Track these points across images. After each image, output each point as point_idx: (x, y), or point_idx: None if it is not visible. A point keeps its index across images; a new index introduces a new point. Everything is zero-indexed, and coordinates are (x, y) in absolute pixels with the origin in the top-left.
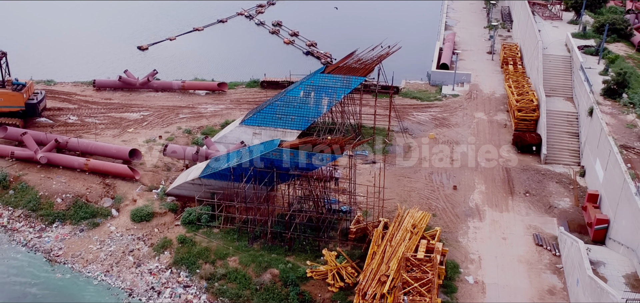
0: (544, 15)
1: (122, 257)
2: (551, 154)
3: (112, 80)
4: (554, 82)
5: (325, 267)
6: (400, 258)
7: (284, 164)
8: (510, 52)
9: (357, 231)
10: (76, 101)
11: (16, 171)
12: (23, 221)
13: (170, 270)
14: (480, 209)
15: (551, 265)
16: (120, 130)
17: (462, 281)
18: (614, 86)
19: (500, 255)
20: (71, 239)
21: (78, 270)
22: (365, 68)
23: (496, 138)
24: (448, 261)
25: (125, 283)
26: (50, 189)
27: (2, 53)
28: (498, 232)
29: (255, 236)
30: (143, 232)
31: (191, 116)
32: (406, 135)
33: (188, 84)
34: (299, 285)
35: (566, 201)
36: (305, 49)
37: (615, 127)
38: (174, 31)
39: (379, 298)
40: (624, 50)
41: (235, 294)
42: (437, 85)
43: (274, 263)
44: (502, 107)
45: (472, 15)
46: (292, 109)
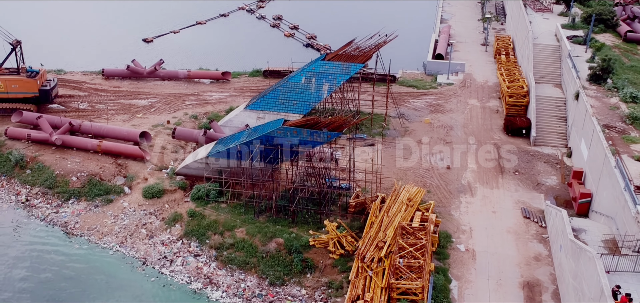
0: (535, 8)
1: (136, 230)
2: (540, 136)
3: (121, 69)
4: (543, 70)
5: (327, 236)
6: (397, 227)
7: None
8: (503, 43)
9: (356, 205)
10: (86, 89)
11: (32, 153)
12: (40, 198)
13: (181, 241)
14: (472, 186)
15: (537, 235)
16: (129, 115)
17: (454, 249)
18: (599, 72)
19: (490, 226)
20: (86, 214)
21: (94, 242)
22: (363, 55)
23: (488, 123)
24: (441, 232)
25: (139, 253)
26: (66, 168)
27: (17, 42)
28: (488, 206)
29: (261, 210)
30: (154, 208)
31: (197, 102)
32: (403, 120)
33: (193, 73)
34: (302, 253)
35: (553, 179)
36: (305, 41)
37: (599, 109)
38: (177, 25)
39: (377, 261)
40: (611, 40)
41: (243, 261)
42: (432, 74)
43: (278, 234)
44: (495, 94)
45: (467, 10)
46: (294, 94)
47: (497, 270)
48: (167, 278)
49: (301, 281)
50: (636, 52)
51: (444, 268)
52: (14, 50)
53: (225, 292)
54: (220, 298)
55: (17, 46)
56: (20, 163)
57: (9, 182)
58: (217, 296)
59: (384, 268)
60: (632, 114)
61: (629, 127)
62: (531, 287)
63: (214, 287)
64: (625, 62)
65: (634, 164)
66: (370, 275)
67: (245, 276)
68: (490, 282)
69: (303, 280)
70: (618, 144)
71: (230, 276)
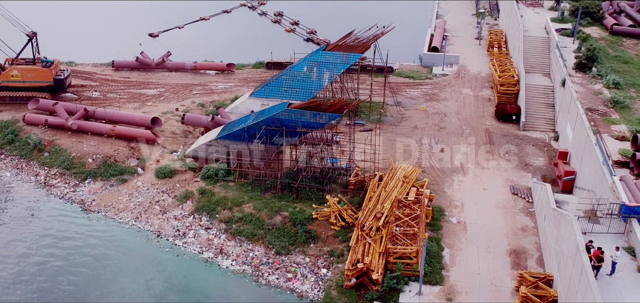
0: (526, 3)
1: (149, 206)
2: (529, 122)
3: (130, 61)
4: (533, 60)
5: (329, 210)
6: (393, 200)
7: (292, 123)
8: (496, 37)
9: (355, 183)
10: (97, 79)
11: (50, 137)
12: (59, 179)
13: (193, 215)
14: (464, 166)
15: (524, 209)
16: (139, 103)
17: (447, 221)
18: (585, 61)
19: (481, 201)
20: (102, 192)
21: (110, 217)
22: (362, 46)
23: (480, 110)
24: (435, 206)
25: (153, 227)
26: (82, 151)
27: (33, 33)
28: (479, 184)
29: (267, 188)
30: (166, 186)
31: (203, 92)
32: (399, 108)
33: (199, 65)
34: (306, 225)
35: (541, 160)
36: (306, 36)
37: (583, 94)
38: (182, 20)
39: (375, 230)
40: (598, 33)
41: (250, 233)
42: (428, 66)
43: (283, 208)
44: (487, 84)
45: (461, 6)
46: (296, 82)
47: (486, 240)
48: (180, 249)
49: (305, 250)
50: (621, 44)
51: (437, 238)
52: (30, 41)
53: (235, 261)
54: (230, 266)
55: (33, 37)
56: (38, 146)
57: (28, 164)
58: (227, 264)
59: (382, 236)
60: (614, 99)
61: (611, 110)
62: (517, 254)
63: (224, 256)
64: (610, 53)
65: (614, 143)
66: (369, 241)
67: (253, 246)
68: (480, 250)
69: (307, 250)
70: (600, 126)
71: (239, 246)
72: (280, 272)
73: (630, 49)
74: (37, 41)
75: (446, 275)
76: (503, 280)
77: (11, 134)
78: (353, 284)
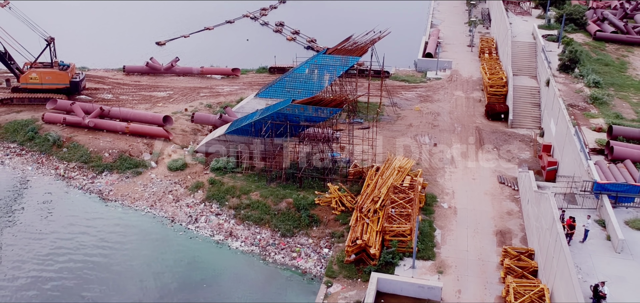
0: (516, 11)
1: (163, 195)
2: (516, 120)
3: (140, 66)
4: (520, 63)
5: (330, 196)
6: (389, 186)
7: (296, 118)
8: (487, 44)
9: (354, 174)
10: (109, 83)
11: (68, 134)
12: (77, 171)
13: (204, 203)
14: (456, 160)
15: (510, 196)
16: (150, 104)
17: (439, 206)
18: (568, 62)
19: (470, 190)
20: (119, 183)
21: (127, 205)
22: (360, 50)
23: (472, 110)
24: (427, 194)
25: (168, 213)
26: (98, 146)
27: (51, 38)
28: (469, 175)
29: (272, 178)
30: (178, 178)
31: (210, 94)
32: (395, 108)
33: (206, 69)
34: (309, 210)
35: (527, 154)
36: (306, 44)
37: (566, 92)
38: (187, 30)
39: (373, 212)
40: (583, 38)
41: (258, 218)
42: (422, 71)
43: (288, 195)
44: (478, 87)
45: (455, 16)
46: (298, 83)
47: (474, 222)
48: (193, 232)
49: (308, 232)
50: (604, 49)
51: (429, 220)
52: (48, 45)
53: (244, 242)
54: (239, 247)
55: (51, 42)
56: (57, 142)
57: (48, 159)
58: (237, 245)
59: (379, 217)
60: (593, 95)
61: (590, 106)
62: (503, 234)
63: (234, 238)
64: (592, 56)
65: (591, 134)
66: (367, 222)
67: (260, 229)
68: (469, 231)
69: (310, 232)
70: (579, 119)
71: (247, 230)
72: (285, 252)
73: (612, 53)
74: (54, 45)
75: (437, 252)
76: (489, 255)
77: (31, 131)
78: (353, 259)
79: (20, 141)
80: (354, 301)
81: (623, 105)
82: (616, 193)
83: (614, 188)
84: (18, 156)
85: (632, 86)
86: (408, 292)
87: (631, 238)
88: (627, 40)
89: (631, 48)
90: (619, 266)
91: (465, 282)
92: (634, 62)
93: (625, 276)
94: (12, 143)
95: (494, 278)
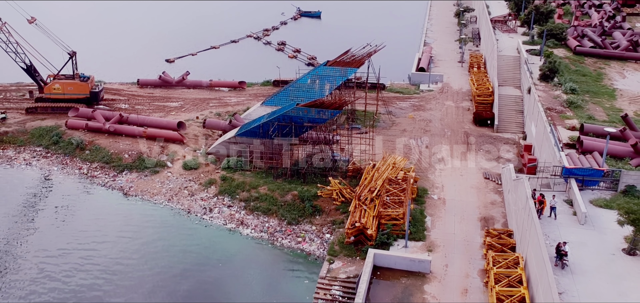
0: (503, 29)
1: (179, 191)
2: (501, 125)
3: (153, 79)
4: (506, 75)
5: (331, 188)
6: (385, 179)
7: (300, 119)
8: (476, 59)
9: (353, 170)
10: (125, 95)
11: (89, 138)
12: (99, 171)
13: (217, 197)
14: (446, 159)
15: (494, 189)
16: (164, 113)
17: (429, 198)
18: (548, 72)
19: (458, 184)
20: (138, 181)
21: (147, 200)
22: (357, 62)
23: (461, 117)
24: (419, 187)
25: (184, 206)
26: (118, 149)
27: (73, 52)
28: (457, 172)
29: (278, 175)
30: (193, 176)
31: (219, 104)
32: (390, 116)
33: (214, 82)
34: (312, 201)
35: (510, 154)
36: (307, 61)
37: (545, 98)
38: (194, 48)
39: (370, 200)
40: (564, 53)
41: (266, 209)
42: (416, 84)
43: (293, 189)
44: (467, 98)
45: (447, 35)
46: (301, 92)
47: (461, 211)
48: (207, 222)
49: (312, 221)
50: (583, 62)
51: (421, 209)
52: (71, 58)
53: (253, 230)
54: (249, 233)
55: (73, 55)
56: (80, 145)
57: (71, 160)
58: (247, 232)
59: (375, 204)
60: (569, 100)
61: (566, 109)
62: (486, 220)
63: (245, 226)
64: (572, 68)
65: (566, 132)
66: (365, 208)
67: (268, 219)
68: (456, 217)
69: (313, 220)
70: (556, 120)
71: (256, 219)
72: (291, 237)
73: (590, 66)
74: (75, 59)
75: (428, 234)
76: (474, 237)
77: (56, 136)
78: (352, 241)
79: (45, 145)
80: (354, 274)
81: (596, 109)
82: (583, 177)
83: (580, 172)
84: (44, 158)
85: (606, 93)
86: (401, 266)
87: (594, 213)
88: (604, 54)
89: (608, 61)
90: (581, 235)
91: (452, 258)
92: (609, 73)
93: (586, 242)
94: (37, 146)
95: (478, 255)
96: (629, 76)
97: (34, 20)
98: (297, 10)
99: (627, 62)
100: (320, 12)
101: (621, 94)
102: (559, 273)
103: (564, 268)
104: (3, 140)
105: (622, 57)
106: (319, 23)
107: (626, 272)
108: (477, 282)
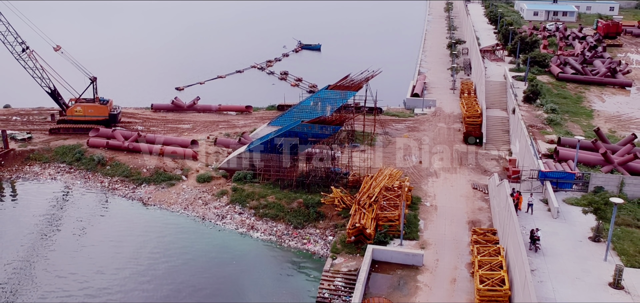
0: (491, 59)
1: (194, 201)
2: (489, 143)
3: (166, 104)
4: (493, 99)
5: (333, 196)
6: (382, 187)
7: (304, 135)
8: (467, 86)
9: (353, 181)
10: (140, 118)
11: (110, 155)
12: (120, 184)
13: (228, 205)
14: (438, 172)
15: (482, 198)
16: (177, 134)
17: (423, 205)
18: (531, 95)
19: (449, 193)
20: (156, 192)
21: (164, 208)
22: (356, 86)
23: (452, 137)
24: (413, 196)
25: (198, 213)
26: (137, 164)
27: (94, 77)
28: (448, 183)
29: (285, 185)
30: (206, 188)
31: (227, 126)
32: (387, 136)
33: (223, 107)
34: (316, 207)
35: (497, 168)
36: (308, 89)
37: (527, 117)
38: (202, 78)
39: (368, 205)
40: (547, 79)
41: (274, 215)
42: (410, 108)
43: (299, 197)
44: (458, 120)
45: (440, 66)
46: (304, 113)
47: (451, 216)
48: (220, 226)
49: (316, 225)
50: (565, 87)
51: (414, 214)
52: (92, 83)
53: (263, 233)
54: (259, 236)
55: (94, 80)
56: (101, 161)
57: (93, 175)
58: (257, 235)
59: (374, 208)
60: (549, 118)
61: (547, 126)
62: (474, 223)
63: (255, 230)
64: (554, 92)
65: (545, 145)
66: (364, 211)
67: (276, 223)
68: (446, 221)
69: (317, 225)
70: (536, 135)
71: (265, 224)
72: (297, 239)
73: (572, 90)
74: (96, 83)
75: (421, 235)
76: (462, 237)
77: (78, 153)
78: (353, 240)
79: (68, 161)
80: (354, 268)
81: (575, 126)
82: (557, 180)
83: (554, 175)
84: (67, 173)
85: (584, 113)
86: (397, 259)
87: (566, 209)
88: (584, 80)
89: (588, 86)
90: (554, 227)
91: (442, 254)
92: (589, 96)
93: (558, 232)
94: (61, 163)
95: (466, 252)
96: (608, 99)
97: (59, 49)
98: (298, 43)
99: (606, 87)
100: (320, 45)
101: (598, 114)
102: (532, 255)
103: (537, 252)
104: (30, 157)
105: (600, 83)
106: (319, 55)
107: (590, 254)
108: (465, 273)
